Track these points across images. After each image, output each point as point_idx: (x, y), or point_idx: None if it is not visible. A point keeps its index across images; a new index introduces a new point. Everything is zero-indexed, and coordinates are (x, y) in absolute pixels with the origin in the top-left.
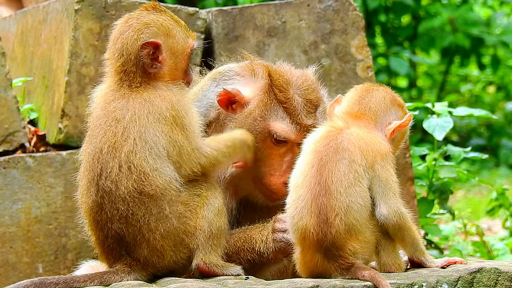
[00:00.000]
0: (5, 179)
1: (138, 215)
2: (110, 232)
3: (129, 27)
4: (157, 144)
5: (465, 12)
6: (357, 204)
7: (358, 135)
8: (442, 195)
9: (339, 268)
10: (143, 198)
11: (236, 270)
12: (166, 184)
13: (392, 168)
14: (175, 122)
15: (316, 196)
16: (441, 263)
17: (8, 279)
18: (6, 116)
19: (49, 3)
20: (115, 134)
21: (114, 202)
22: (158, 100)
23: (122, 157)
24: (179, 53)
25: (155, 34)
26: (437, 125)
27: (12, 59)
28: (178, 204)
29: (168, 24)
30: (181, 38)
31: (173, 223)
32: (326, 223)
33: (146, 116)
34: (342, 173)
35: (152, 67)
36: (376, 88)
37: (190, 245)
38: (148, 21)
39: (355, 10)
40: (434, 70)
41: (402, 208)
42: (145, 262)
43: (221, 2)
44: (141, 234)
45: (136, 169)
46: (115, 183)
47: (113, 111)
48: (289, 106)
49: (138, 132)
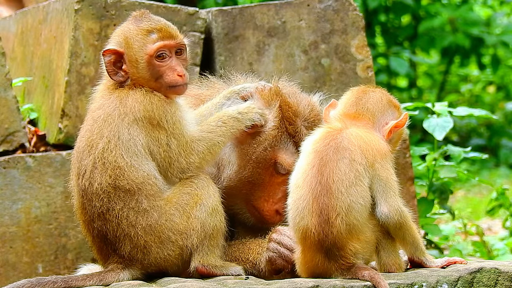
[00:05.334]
0: (5, 179)
1: (115, 210)
2: (94, 231)
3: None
4: (135, 143)
5: (465, 12)
6: (358, 204)
7: (357, 135)
8: (442, 195)
9: (340, 268)
10: (118, 193)
11: (237, 270)
12: (143, 179)
13: (392, 167)
14: (151, 124)
15: (317, 196)
16: (441, 263)
17: (8, 279)
18: (6, 116)
19: (49, 3)
20: (92, 133)
21: (91, 200)
22: (131, 101)
23: (97, 154)
24: (136, 62)
25: (119, 43)
26: (437, 125)
27: (12, 59)
28: (158, 200)
29: (131, 34)
30: (138, 47)
31: (154, 217)
32: (328, 223)
33: (120, 117)
34: (343, 172)
35: (117, 75)
36: (372, 90)
37: (179, 242)
38: (120, 30)
39: (355, 10)
40: (434, 70)
41: (403, 206)
42: (131, 258)
43: (221, 2)
44: (121, 229)
45: (111, 165)
46: (89, 181)
47: (93, 111)
48: (298, 140)
49: (111, 131)
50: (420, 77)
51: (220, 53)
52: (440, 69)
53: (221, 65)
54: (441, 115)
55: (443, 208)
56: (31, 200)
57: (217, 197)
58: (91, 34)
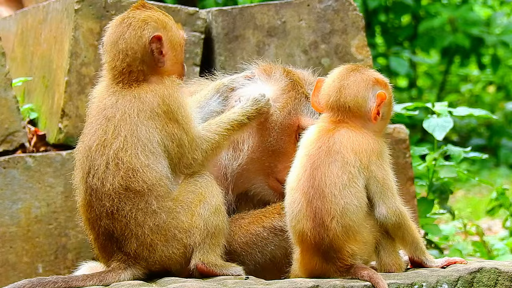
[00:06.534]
0: (5, 179)
1: (125, 211)
2: (100, 229)
3: (128, 27)
4: (151, 140)
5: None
6: (353, 205)
7: (349, 136)
8: (442, 195)
9: (338, 270)
10: (129, 194)
11: (237, 270)
12: (155, 180)
13: (388, 166)
14: (167, 117)
15: (310, 200)
16: (441, 262)
17: (8, 279)
18: (6, 116)
19: (49, 3)
20: (105, 132)
21: (100, 199)
22: (149, 96)
23: (110, 155)
24: (177, 45)
25: (155, 28)
26: (437, 125)
27: (12, 59)
28: (167, 200)
29: (163, 18)
30: (176, 31)
31: (163, 218)
32: (323, 226)
33: (137, 114)
34: (335, 175)
35: (160, 61)
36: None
37: (183, 240)
38: (145, 18)
39: (355, 10)
40: (434, 70)
41: (401, 207)
42: (136, 255)
43: (221, 2)
44: (129, 229)
45: (124, 165)
46: (101, 180)
47: (103, 109)
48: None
49: (130, 130)
50: (420, 77)
51: (220, 53)
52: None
53: (221, 65)
54: (441, 115)
55: (443, 208)
56: (31, 200)
57: (220, 197)
58: (91, 34)
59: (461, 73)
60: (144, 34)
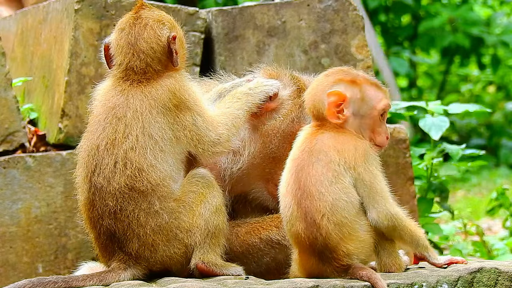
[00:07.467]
0: (5, 179)
1: (127, 211)
2: (101, 228)
3: (144, 27)
4: (163, 138)
5: (465, 12)
6: (342, 200)
7: (331, 137)
8: (442, 194)
9: (335, 270)
10: (133, 194)
11: (237, 270)
12: (159, 180)
13: (377, 169)
14: (178, 109)
15: (299, 201)
16: (444, 261)
17: (8, 279)
18: (6, 116)
19: (49, 3)
20: (116, 131)
21: (104, 198)
22: (160, 92)
23: (120, 154)
24: (184, 44)
25: (170, 28)
26: (433, 125)
27: (12, 59)
28: (170, 201)
29: (171, 18)
30: (181, 30)
31: (165, 218)
32: (314, 225)
33: (149, 111)
34: (320, 173)
35: (175, 61)
36: (310, 90)
37: (185, 240)
38: (159, 18)
39: (355, 10)
40: (434, 70)
41: (393, 209)
42: (137, 256)
43: (221, 2)
44: (131, 229)
45: (132, 165)
46: (107, 180)
47: (112, 108)
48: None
49: (141, 128)
50: (420, 77)
51: (220, 53)
52: (440, 69)
53: (221, 65)
54: (435, 114)
55: (443, 208)
56: (31, 200)
57: (221, 198)
58: (91, 34)
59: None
60: (163, 34)
